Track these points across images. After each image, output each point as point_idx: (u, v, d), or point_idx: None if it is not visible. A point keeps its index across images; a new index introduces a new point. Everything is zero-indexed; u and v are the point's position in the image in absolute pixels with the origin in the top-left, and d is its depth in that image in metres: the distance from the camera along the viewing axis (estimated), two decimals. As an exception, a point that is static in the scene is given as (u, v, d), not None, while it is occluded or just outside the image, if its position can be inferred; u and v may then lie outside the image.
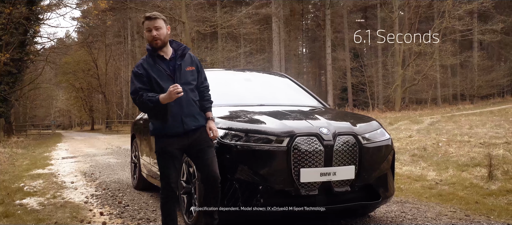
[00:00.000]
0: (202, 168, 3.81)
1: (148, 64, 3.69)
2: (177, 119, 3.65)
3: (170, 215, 3.80)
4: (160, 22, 3.67)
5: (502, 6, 40.58)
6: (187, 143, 3.73)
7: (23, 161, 12.29)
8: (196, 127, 3.74)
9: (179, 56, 3.74)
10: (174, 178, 3.76)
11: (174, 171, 3.76)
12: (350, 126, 4.36)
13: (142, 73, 3.66)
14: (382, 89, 42.18)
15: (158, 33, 3.65)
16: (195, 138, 3.75)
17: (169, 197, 3.78)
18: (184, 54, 3.77)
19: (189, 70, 3.77)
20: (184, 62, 3.76)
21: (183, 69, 3.73)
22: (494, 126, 13.17)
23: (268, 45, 43.66)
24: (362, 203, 4.36)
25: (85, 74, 49.88)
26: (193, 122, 3.73)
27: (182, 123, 3.66)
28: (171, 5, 27.50)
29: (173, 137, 3.69)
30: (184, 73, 3.72)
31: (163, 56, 3.71)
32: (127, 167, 10.00)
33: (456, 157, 8.81)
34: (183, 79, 3.69)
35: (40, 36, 28.86)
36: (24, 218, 5.18)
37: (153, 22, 3.65)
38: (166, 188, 3.76)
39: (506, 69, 42.98)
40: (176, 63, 3.71)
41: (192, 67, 3.81)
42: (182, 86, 3.59)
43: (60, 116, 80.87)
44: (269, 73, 7.92)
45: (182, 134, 3.69)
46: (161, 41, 3.67)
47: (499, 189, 6.17)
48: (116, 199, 6.29)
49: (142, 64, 3.69)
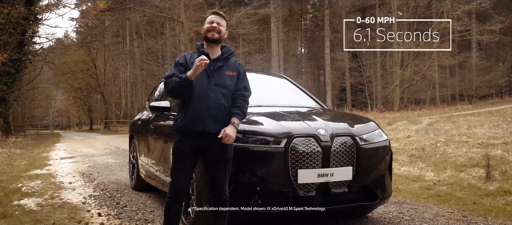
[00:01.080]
0: (211, 177, 3.69)
1: (191, 57, 3.69)
2: (199, 117, 3.54)
3: (172, 217, 3.68)
4: (223, 22, 3.73)
5: (501, 6, 40.63)
6: (203, 144, 3.58)
7: (21, 161, 12.27)
8: (217, 131, 3.55)
9: (223, 59, 3.71)
10: (183, 180, 3.63)
11: (184, 172, 3.63)
12: (347, 127, 4.37)
13: (183, 62, 3.67)
14: (380, 89, 42.20)
15: (219, 27, 3.66)
16: (213, 144, 3.58)
17: (174, 200, 3.65)
18: (228, 58, 3.74)
19: (229, 74, 3.68)
20: (226, 65, 3.71)
21: (222, 71, 3.66)
22: (492, 126, 13.19)
23: (267, 45, 43.64)
24: (360, 204, 4.37)
25: (84, 75, 49.84)
26: (215, 125, 3.57)
27: (203, 123, 3.54)
28: (170, 5, 27.49)
29: (190, 135, 3.57)
30: (221, 75, 3.65)
31: (209, 55, 3.68)
32: (125, 168, 10.00)
33: (454, 158, 8.82)
34: (219, 80, 3.63)
35: (38, 36, 28.80)
36: (22, 219, 5.18)
37: (219, 18, 3.71)
38: (173, 191, 3.64)
39: (504, 70, 43.05)
40: (217, 64, 3.67)
41: (233, 72, 3.72)
42: (215, 87, 3.58)
43: (59, 116, 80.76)
44: (267, 74, 7.92)
45: (200, 133, 3.55)
46: (218, 35, 3.67)
47: (497, 190, 6.18)
48: (114, 200, 6.29)
49: (185, 56, 3.73)
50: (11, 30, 22.44)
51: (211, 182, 3.71)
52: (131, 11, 40.20)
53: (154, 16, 31.47)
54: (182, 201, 3.81)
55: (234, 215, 4.06)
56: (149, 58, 41.14)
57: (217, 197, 3.69)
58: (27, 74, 33.53)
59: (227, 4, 36.77)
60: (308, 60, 59.59)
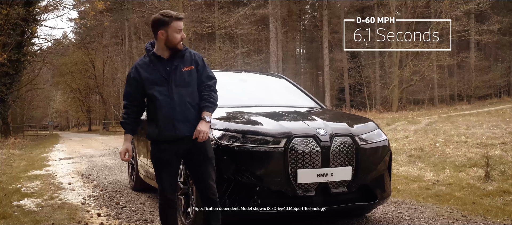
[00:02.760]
0: (196, 178, 3.62)
1: (145, 66, 3.49)
2: (169, 123, 3.42)
3: (169, 223, 3.67)
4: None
5: (499, 6, 40.69)
6: (181, 150, 3.50)
7: (20, 162, 12.26)
8: (191, 133, 3.44)
9: (178, 57, 3.49)
10: (168, 186, 3.56)
11: (167, 179, 3.55)
12: (347, 126, 4.38)
13: (135, 77, 3.50)
14: (379, 89, 42.22)
15: (183, 35, 3.48)
16: (191, 146, 3.49)
17: (165, 205, 3.63)
18: (183, 54, 3.51)
19: (186, 70, 3.49)
20: (182, 62, 3.49)
21: (179, 70, 3.47)
22: (491, 126, 13.20)
23: (266, 45, 43.64)
24: (359, 204, 4.38)
25: (82, 75, 49.78)
26: (187, 128, 3.44)
27: (174, 128, 3.42)
28: (168, 5, 27.46)
29: (166, 143, 3.47)
30: (179, 74, 3.46)
31: (161, 56, 3.48)
32: (125, 168, 9.99)
33: (453, 158, 8.83)
34: (179, 80, 3.46)
35: (37, 37, 28.78)
36: (21, 219, 5.18)
37: (182, 23, 3.47)
38: (163, 196, 3.61)
39: (503, 70, 43.12)
40: (173, 64, 3.47)
41: (191, 66, 3.52)
42: (177, 88, 3.43)
43: (57, 116, 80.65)
44: (266, 74, 7.94)
45: (174, 140, 3.45)
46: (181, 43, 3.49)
47: (495, 190, 6.19)
48: (113, 200, 6.29)
49: (136, 67, 3.51)
50: (9, 31, 22.42)
51: (197, 184, 3.64)
52: (129, 11, 40.17)
53: (152, 16, 31.36)
54: (175, 204, 3.73)
55: (233, 215, 4.07)
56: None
57: (206, 198, 3.60)
58: (26, 75, 33.50)
59: (226, 4, 36.71)
60: (307, 60, 59.61)
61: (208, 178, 3.56)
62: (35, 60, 30.77)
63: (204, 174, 3.55)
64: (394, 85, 32.67)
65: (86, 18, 34.34)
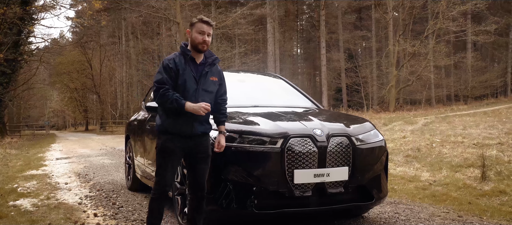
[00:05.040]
0: (193, 175, 3.82)
1: (180, 61, 3.73)
2: (189, 121, 3.67)
3: (158, 213, 3.82)
4: (212, 30, 3.77)
5: (496, 7, 40.81)
6: (190, 145, 3.74)
7: (16, 162, 12.24)
8: (202, 132, 3.77)
9: (208, 64, 3.81)
10: (169, 177, 3.76)
11: (171, 170, 3.75)
12: (343, 127, 4.38)
13: (173, 67, 3.70)
14: (376, 90, 42.28)
15: (208, 40, 3.75)
16: (198, 143, 3.76)
17: (161, 196, 3.78)
18: (214, 64, 3.86)
19: (213, 80, 3.84)
20: (211, 71, 3.83)
21: (208, 77, 3.79)
22: (487, 126, 13.24)
23: (263, 45, 43.65)
24: (356, 204, 4.38)
25: (79, 75, 49.72)
26: (201, 127, 3.76)
27: (192, 126, 3.69)
28: (165, 5, 27.47)
29: (178, 136, 3.70)
30: (207, 81, 3.79)
31: (195, 60, 3.78)
32: (121, 168, 9.98)
33: (450, 158, 8.85)
34: (206, 85, 3.77)
35: (34, 37, 28.74)
36: (17, 219, 5.17)
37: (209, 28, 3.73)
38: (160, 186, 3.76)
39: (499, 70, 43.20)
40: (204, 69, 3.77)
41: (216, 78, 3.87)
42: (203, 92, 3.73)
43: (54, 116, 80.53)
44: (263, 74, 7.93)
45: (188, 136, 3.71)
46: (207, 47, 3.77)
47: (492, 190, 6.20)
48: (110, 200, 6.28)
49: (174, 59, 3.74)
50: (6, 30, 22.39)
51: (194, 179, 3.83)
52: (127, 11, 40.18)
53: (150, 16, 31.48)
54: (167, 197, 3.90)
55: (230, 215, 4.07)
56: (145, 58, 41.04)
57: (198, 193, 3.83)
58: (23, 74, 33.43)
59: (223, 4, 36.73)
60: (304, 60, 59.66)
61: (205, 174, 3.82)
62: (32, 60, 30.70)
63: (203, 170, 3.81)
64: (391, 86, 32.74)
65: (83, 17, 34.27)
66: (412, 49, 31.57)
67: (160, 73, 3.71)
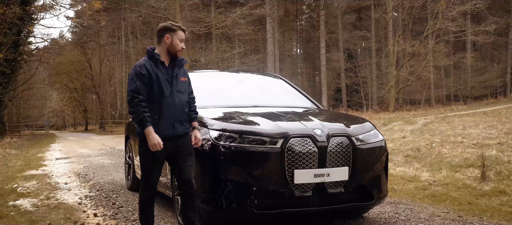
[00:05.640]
0: (181, 174, 3.94)
1: (151, 66, 3.83)
2: (169, 123, 3.82)
3: (150, 215, 3.99)
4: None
5: (495, 7, 40.82)
6: (173, 147, 3.87)
7: (16, 162, 12.23)
8: (183, 132, 3.92)
9: (177, 66, 3.95)
10: (156, 180, 3.95)
11: (157, 173, 3.93)
12: (343, 127, 4.38)
13: (145, 73, 3.78)
14: (376, 90, 42.29)
15: (183, 47, 3.94)
16: (181, 143, 3.90)
17: (150, 198, 3.98)
18: (182, 65, 4.01)
19: (183, 80, 4.01)
20: (180, 72, 3.98)
21: (179, 78, 3.95)
22: (487, 126, 13.23)
23: (263, 45, 43.65)
24: (356, 204, 4.38)
25: (79, 75, 49.66)
26: (182, 127, 3.90)
27: (173, 127, 3.84)
28: (165, 5, 27.44)
29: (161, 139, 3.76)
30: (179, 82, 3.94)
31: (164, 63, 3.89)
32: (121, 168, 9.98)
33: (450, 158, 8.85)
34: (178, 87, 3.92)
35: (33, 37, 28.71)
36: (17, 219, 5.17)
37: (185, 35, 3.97)
38: (148, 189, 3.94)
39: (499, 70, 43.26)
40: (174, 71, 3.91)
41: (185, 78, 4.05)
42: (177, 93, 3.89)
43: (54, 116, 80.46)
44: (263, 74, 7.93)
45: (171, 137, 3.83)
46: (181, 53, 3.95)
47: (491, 190, 6.20)
48: (110, 200, 6.28)
49: (144, 65, 3.82)
50: (6, 30, 22.37)
51: (181, 178, 3.94)
52: (126, 11, 40.13)
53: (149, 16, 31.44)
54: (155, 197, 4.09)
55: (230, 215, 4.07)
56: (144, 58, 41.00)
57: (188, 191, 3.94)
58: (22, 74, 33.39)
59: (223, 4, 36.72)
60: (304, 60, 59.67)
61: (191, 171, 3.95)
62: (32, 60, 30.68)
63: (187, 166, 3.93)
64: (391, 86, 32.74)
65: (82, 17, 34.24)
66: (411, 49, 31.60)
67: (133, 81, 3.77)
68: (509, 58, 43.56)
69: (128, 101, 3.78)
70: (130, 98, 3.75)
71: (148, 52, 3.89)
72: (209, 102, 5.24)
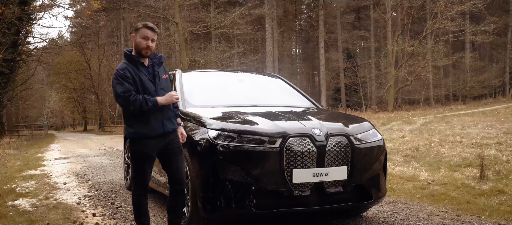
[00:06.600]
0: (171, 171, 3.99)
1: (132, 68, 3.82)
2: (158, 121, 3.85)
3: (145, 213, 4.02)
4: (156, 37, 3.91)
5: (494, 7, 40.86)
6: (163, 144, 3.91)
7: (15, 162, 12.22)
8: (173, 129, 3.98)
9: (156, 64, 3.98)
10: (148, 178, 3.99)
11: (149, 172, 3.97)
12: (342, 126, 4.38)
13: (129, 75, 3.78)
14: (375, 90, 42.33)
15: (152, 46, 3.87)
16: (170, 140, 3.95)
17: (143, 197, 4.01)
18: (161, 62, 4.03)
19: (165, 77, 4.04)
20: (160, 70, 4.00)
21: (161, 76, 3.98)
22: (486, 126, 13.25)
23: (262, 45, 43.67)
24: (355, 204, 4.38)
25: (78, 75, 49.63)
26: (171, 124, 3.96)
27: (162, 125, 3.88)
28: (164, 5, 27.45)
29: (152, 139, 3.84)
30: (162, 79, 3.98)
31: (143, 63, 3.90)
32: (120, 168, 9.98)
33: (448, 157, 8.86)
34: (162, 84, 3.96)
35: (32, 37, 28.68)
36: (16, 219, 5.16)
37: (153, 34, 3.86)
38: (140, 188, 3.99)
39: (497, 70, 43.30)
40: (154, 70, 3.94)
41: (166, 75, 4.09)
42: (161, 91, 3.91)
43: (53, 116, 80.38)
44: (262, 74, 7.93)
45: (161, 135, 3.87)
46: (150, 52, 3.89)
47: (490, 189, 6.21)
48: (109, 200, 6.28)
49: (126, 67, 3.80)
50: (4, 30, 22.33)
51: (172, 175, 4.00)
52: (125, 11, 40.12)
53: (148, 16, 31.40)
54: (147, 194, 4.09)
55: (229, 215, 4.07)
56: (143, 58, 40.99)
57: (176, 187, 3.99)
58: (21, 74, 33.36)
59: (222, 4, 36.71)
60: (303, 60, 59.66)
61: (182, 168, 4.01)
62: (30, 60, 30.66)
63: (179, 164, 3.99)
64: (390, 86, 32.76)
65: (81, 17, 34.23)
66: (410, 49, 31.63)
67: (120, 84, 3.75)
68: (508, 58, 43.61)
69: (123, 102, 3.73)
70: (124, 98, 3.71)
71: (125, 54, 3.87)
72: (208, 102, 5.24)
